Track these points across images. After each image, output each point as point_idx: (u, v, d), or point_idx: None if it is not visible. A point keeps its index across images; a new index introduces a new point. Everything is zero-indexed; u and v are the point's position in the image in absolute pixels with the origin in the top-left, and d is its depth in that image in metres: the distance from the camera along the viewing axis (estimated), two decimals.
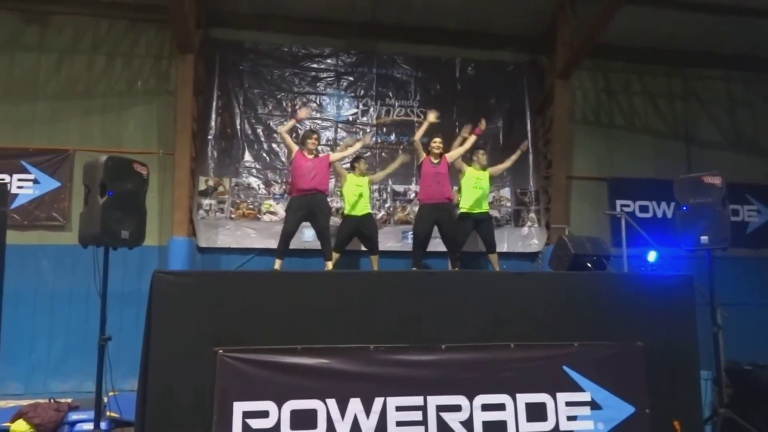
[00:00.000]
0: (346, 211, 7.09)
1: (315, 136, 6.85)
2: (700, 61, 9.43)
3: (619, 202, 8.79)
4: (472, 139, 7.13)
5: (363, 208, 7.06)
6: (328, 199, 7.08)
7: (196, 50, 7.63)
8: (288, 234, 6.51)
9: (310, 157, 6.67)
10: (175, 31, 7.35)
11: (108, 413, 5.25)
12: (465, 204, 7.12)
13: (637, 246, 7.28)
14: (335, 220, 7.31)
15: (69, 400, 5.88)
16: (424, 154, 6.98)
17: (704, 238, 5.00)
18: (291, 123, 6.88)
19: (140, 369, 4.00)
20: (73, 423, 5.69)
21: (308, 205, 6.51)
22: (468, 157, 7.37)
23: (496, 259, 7.26)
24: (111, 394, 4.62)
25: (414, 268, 6.81)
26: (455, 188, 7.29)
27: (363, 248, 7.27)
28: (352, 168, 7.35)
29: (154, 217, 7.28)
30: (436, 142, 6.96)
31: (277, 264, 6.48)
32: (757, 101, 9.65)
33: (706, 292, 5.21)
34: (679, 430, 4.34)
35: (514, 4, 8.21)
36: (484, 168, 7.33)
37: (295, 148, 6.73)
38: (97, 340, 4.23)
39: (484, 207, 7.21)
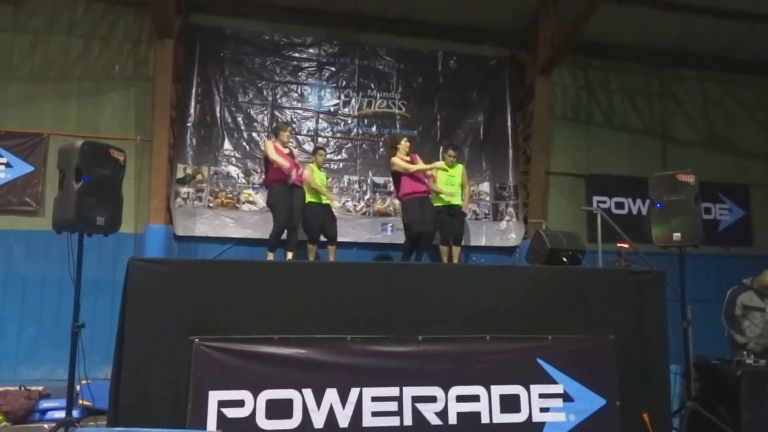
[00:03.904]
0: (312, 199, 6.97)
1: (290, 129, 6.80)
2: (677, 61, 9.60)
3: (595, 198, 8.92)
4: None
5: (326, 198, 7.11)
6: None
7: (175, 36, 7.52)
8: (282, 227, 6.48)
9: (285, 151, 6.62)
10: (155, 15, 7.23)
11: (80, 401, 5.20)
12: (438, 198, 7.21)
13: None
14: None
15: (40, 388, 5.82)
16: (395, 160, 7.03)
17: (677, 235, 5.08)
18: None
19: (114, 357, 3.96)
20: (44, 411, 5.63)
21: (294, 197, 6.51)
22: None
23: (457, 252, 7.35)
24: (84, 382, 4.56)
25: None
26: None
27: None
28: (314, 157, 7.40)
29: (131, 204, 7.19)
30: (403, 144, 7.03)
31: (270, 257, 6.49)
32: (730, 101, 9.85)
33: (677, 288, 5.32)
34: (648, 422, 4.43)
35: None
36: (452, 165, 7.38)
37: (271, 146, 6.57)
38: (70, 327, 4.16)
39: (456, 200, 7.27)
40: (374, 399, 4.06)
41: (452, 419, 4.13)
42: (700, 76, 9.76)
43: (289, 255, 6.64)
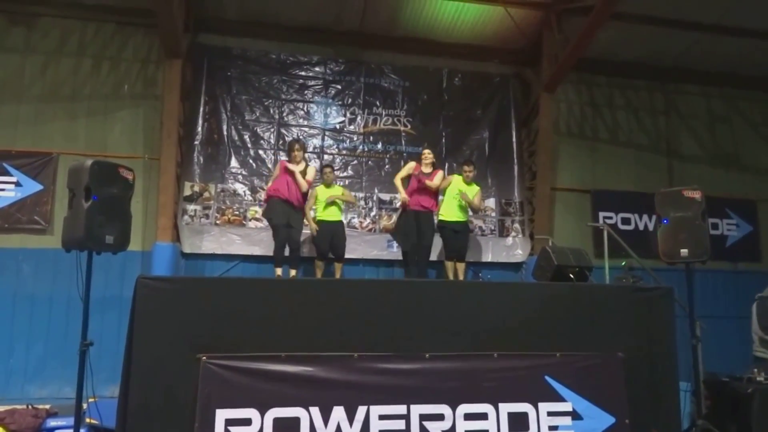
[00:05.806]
0: (321, 217, 7.13)
1: (298, 146, 6.94)
2: (682, 77, 9.63)
3: (601, 214, 8.90)
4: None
5: (335, 215, 7.19)
6: None
7: (183, 55, 7.63)
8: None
9: (299, 167, 6.78)
10: (163, 35, 7.34)
11: (87, 420, 5.18)
12: (443, 213, 7.21)
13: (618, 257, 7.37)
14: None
15: (47, 406, 5.80)
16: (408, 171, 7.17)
17: (684, 251, 5.06)
18: None
19: (122, 375, 3.96)
20: (52, 429, 5.60)
21: (291, 212, 6.65)
22: (457, 169, 7.56)
23: (462, 268, 7.36)
24: (91, 400, 4.56)
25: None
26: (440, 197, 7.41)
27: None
28: (322, 177, 7.49)
29: (139, 222, 7.18)
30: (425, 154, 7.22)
31: (278, 272, 6.61)
32: (736, 117, 9.86)
33: (685, 305, 5.28)
34: None
35: (501, 17, 8.30)
36: (469, 183, 7.40)
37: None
38: (78, 345, 4.17)
39: (462, 217, 7.29)
40: (381, 417, 4.04)
41: None
42: (705, 92, 9.78)
43: (292, 273, 6.70)
